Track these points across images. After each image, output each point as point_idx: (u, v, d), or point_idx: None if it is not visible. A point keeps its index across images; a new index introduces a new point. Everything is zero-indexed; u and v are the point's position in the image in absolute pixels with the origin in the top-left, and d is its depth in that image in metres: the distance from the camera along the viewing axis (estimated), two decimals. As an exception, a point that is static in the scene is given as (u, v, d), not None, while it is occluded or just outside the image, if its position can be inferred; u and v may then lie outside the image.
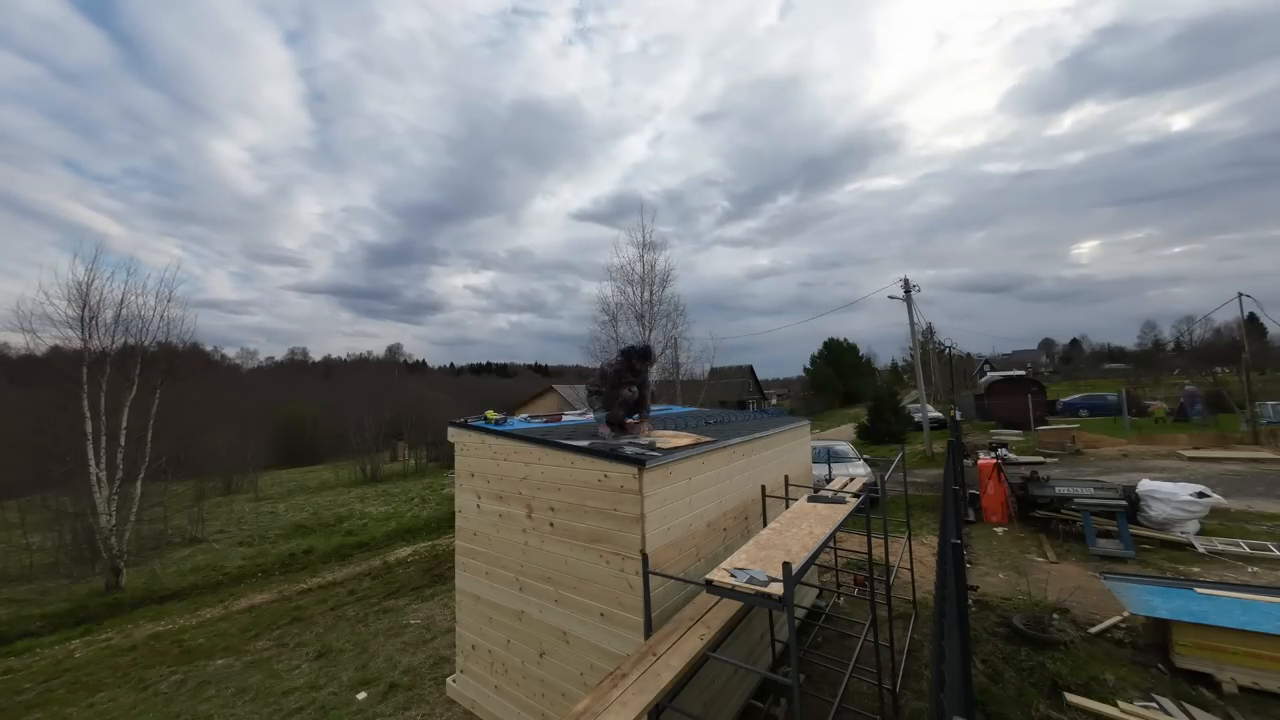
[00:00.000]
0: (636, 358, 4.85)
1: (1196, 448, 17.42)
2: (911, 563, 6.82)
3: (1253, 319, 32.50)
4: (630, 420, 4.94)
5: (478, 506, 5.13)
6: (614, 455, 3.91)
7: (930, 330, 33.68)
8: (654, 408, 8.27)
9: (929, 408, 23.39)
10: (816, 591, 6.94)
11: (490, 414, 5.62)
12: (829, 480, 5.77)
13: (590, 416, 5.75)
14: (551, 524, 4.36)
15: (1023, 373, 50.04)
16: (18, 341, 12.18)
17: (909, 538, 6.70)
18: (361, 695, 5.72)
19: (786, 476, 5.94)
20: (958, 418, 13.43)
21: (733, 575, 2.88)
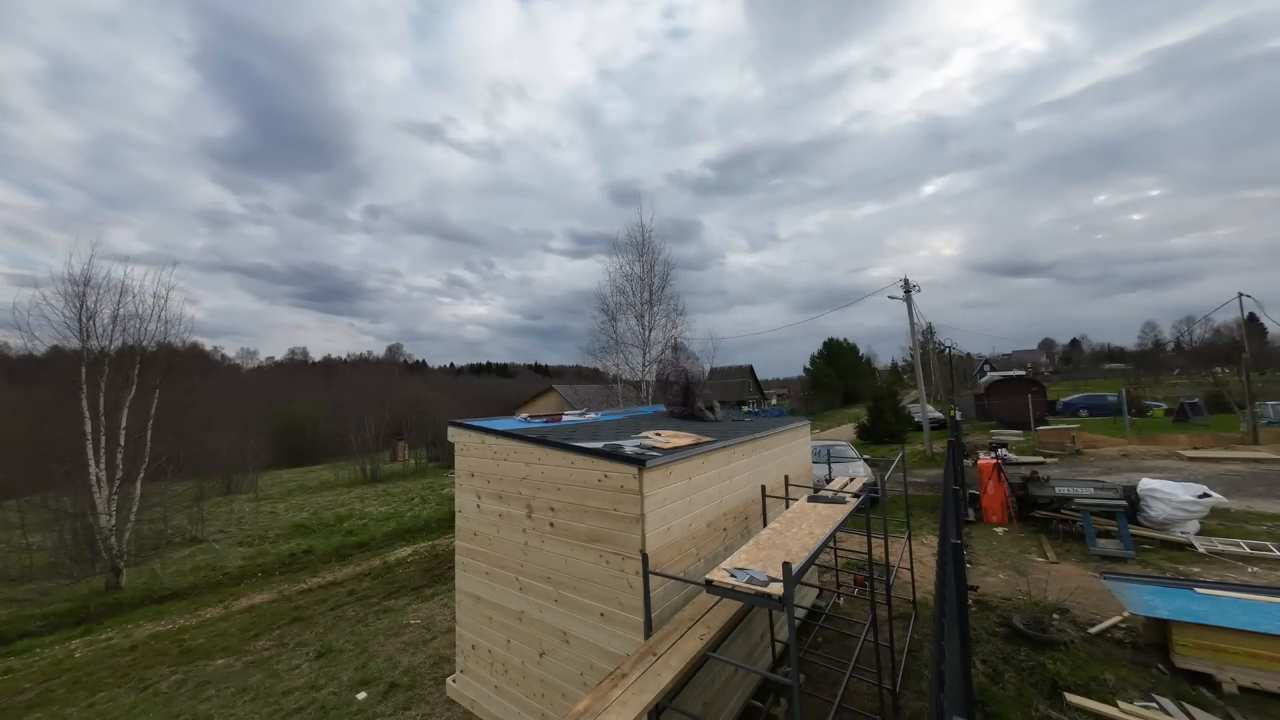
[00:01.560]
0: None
1: (1196, 448, 17.43)
2: (911, 563, 6.82)
3: (1253, 319, 32.55)
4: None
5: (478, 506, 5.13)
6: (614, 455, 3.91)
7: (930, 330, 33.71)
8: (649, 407, 8.31)
9: (929, 408, 23.38)
10: (816, 591, 6.95)
11: None
12: (829, 480, 5.77)
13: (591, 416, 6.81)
14: (551, 524, 4.36)
15: (1023, 373, 50.17)
16: (17, 341, 12.14)
17: (909, 538, 6.71)
18: (361, 695, 5.72)
19: (786, 476, 5.95)
20: (958, 418, 13.43)
21: (733, 575, 2.88)
